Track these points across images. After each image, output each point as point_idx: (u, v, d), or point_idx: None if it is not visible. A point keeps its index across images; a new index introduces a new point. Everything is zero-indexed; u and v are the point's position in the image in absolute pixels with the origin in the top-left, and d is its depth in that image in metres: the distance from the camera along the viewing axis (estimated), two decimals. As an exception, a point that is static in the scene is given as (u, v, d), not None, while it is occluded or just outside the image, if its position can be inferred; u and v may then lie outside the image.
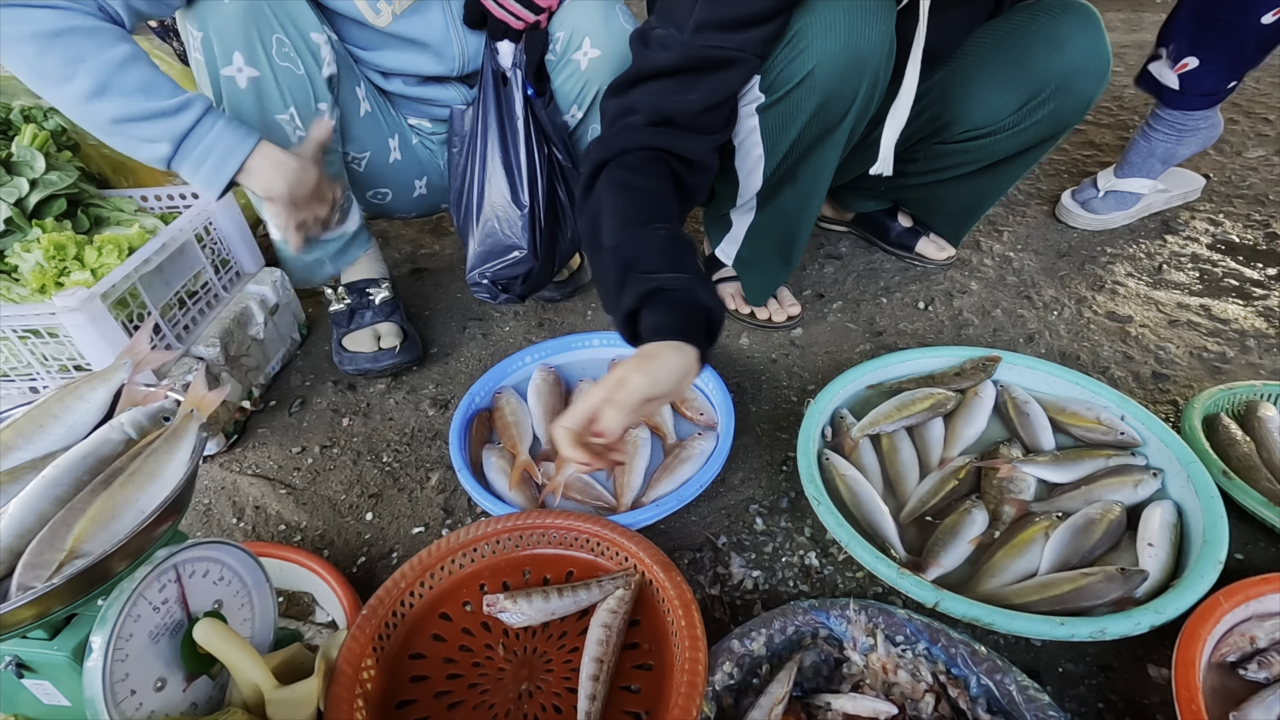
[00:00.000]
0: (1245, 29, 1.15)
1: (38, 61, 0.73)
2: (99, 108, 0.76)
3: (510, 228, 1.02)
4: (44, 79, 0.75)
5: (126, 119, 0.77)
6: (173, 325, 0.99)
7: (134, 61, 0.76)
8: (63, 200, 1.03)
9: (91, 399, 0.59)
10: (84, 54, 0.74)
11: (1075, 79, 0.91)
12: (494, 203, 1.02)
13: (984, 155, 1.02)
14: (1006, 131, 0.97)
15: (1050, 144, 1.02)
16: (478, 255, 1.05)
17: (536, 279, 1.06)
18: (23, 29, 0.72)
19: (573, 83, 1.02)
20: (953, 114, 0.98)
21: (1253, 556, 0.78)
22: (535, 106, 0.99)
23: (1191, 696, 0.58)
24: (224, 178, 0.82)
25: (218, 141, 0.81)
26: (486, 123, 0.99)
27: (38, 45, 0.72)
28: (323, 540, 0.88)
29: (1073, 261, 1.34)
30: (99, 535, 0.48)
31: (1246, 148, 1.72)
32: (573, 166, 1.05)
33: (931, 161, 1.07)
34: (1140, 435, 0.86)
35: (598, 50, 0.98)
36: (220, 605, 0.59)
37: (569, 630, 0.70)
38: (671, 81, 0.82)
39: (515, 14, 0.94)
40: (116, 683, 0.50)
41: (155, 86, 0.78)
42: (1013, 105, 0.94)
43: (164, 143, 0.79)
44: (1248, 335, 1.11)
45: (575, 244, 1.11)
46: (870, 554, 0.71)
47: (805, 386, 1.07)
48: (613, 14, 0.98)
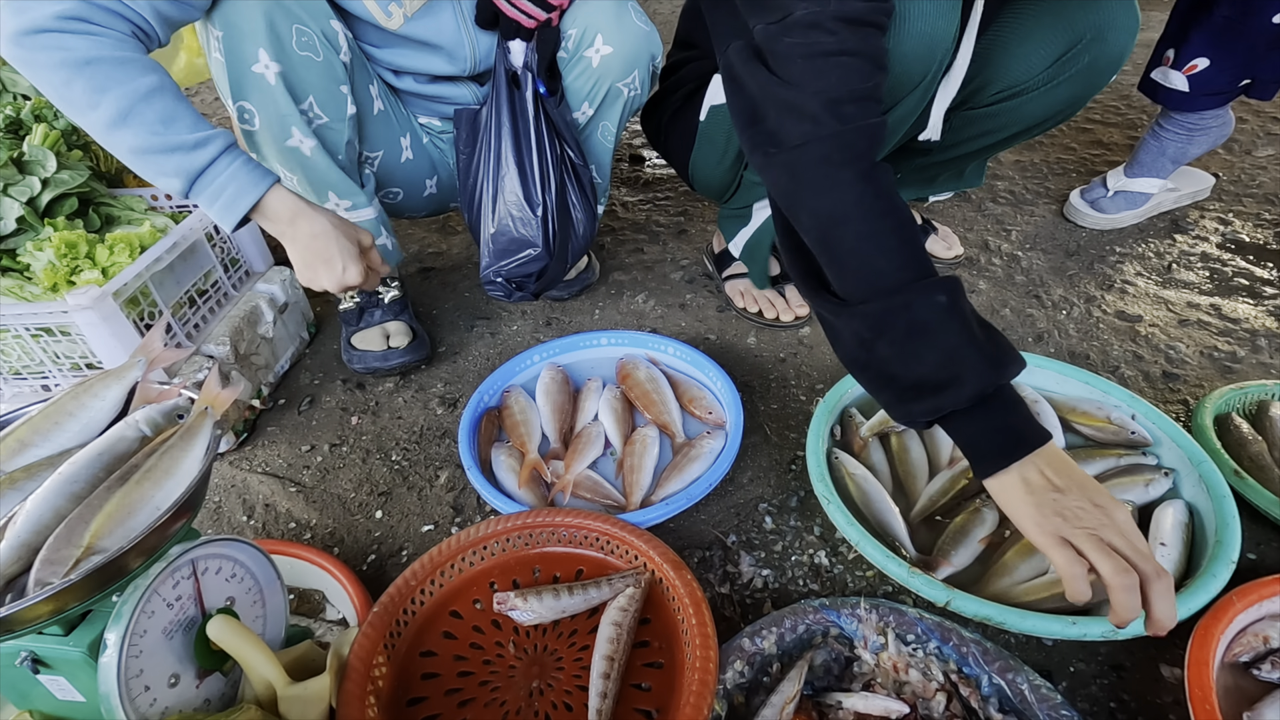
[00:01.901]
0: (1257, 29, 1.15)
1: (65, 89, 0.75)
2: (120, 137, 0.77)
3: (524, 226, 1.02)
4: (70, 105, 0.77)
5: (145, 150, 0.78)
6: (183, 324, 1.00)
7: (158, 93, 0.77)
8: (74, 199, 1.03)
9: (106, 396, 0.59)
10: (110, 83, 0.75)
11: (1110, 30, 0.90)
12: (508, 201, 1.02)
13: (1012, 120, 1.00)
14: (1040, 88, 0.95)
15: (1074, 110, 0.99)
16: (492, 254, 1.05)
17: (550, 276, 1.06)
18: (55, 56, 0.73)
19: (584, 80, 1.02)
20: (988, 74, 0.96)
21: (1266, 556, 0.77)
22: (547, 105, 0.99)
23: (1205, 696, 0.58)
24: (235, 216, 0.83)
25: (231, 181, 0.81)
26: (500, 122, 0.99)
27: (66, 73, 0.74)
28: (333, 538, 0.89)
29: (1081, 261, 1.34)
30: (115, 531, 0.48)
31: (1256, 146, 1.71)
32: (584, 164, 1.05)
33: (958, 133, 1.05)
34: (1151, 435, 0.86)
35: (610, 47, 0.98)
36: (233, 602, 0.59)
37: (579, 628, 0.70)
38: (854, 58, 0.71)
39: (527, 12, 0.94)
40: (131, 678, 0.50)
41: (176, 120, 0.78)
42: (1049, 58, 0.92)
43: (178, 178, 0.80)
44: (1259, 334, 1.11)
45: (587, 241, 1.11)
46: (881, 553, 0.71)
47: (814, 385, 1.07)
48: (625, 11, 0.98)
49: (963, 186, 1.22)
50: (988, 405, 0.63)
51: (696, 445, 0.91)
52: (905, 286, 0.64)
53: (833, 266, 0.70)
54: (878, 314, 0.65)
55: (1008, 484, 0.62)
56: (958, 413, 0.64)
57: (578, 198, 1.06)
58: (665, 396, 0.99)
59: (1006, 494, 0.62)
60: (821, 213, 0.69)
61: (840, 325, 0.71)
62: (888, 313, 0.65)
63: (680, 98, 1.12)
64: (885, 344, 0.66)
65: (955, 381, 0.62)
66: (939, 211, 1.54)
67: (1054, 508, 0.59)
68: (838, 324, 0.71)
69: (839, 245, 0.68)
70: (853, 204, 0.67)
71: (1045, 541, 0.59)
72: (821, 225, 0.69)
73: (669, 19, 3.00)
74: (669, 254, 1.45)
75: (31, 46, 0.72)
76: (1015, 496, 0.61)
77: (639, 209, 1.65)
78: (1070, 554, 0.57)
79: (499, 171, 1.02)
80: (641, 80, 1.05)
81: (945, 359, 0.63)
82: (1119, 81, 2.18)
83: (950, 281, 0.65)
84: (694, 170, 1.16)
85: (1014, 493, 0.62)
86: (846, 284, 0.69)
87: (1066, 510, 0.59)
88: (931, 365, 0.63)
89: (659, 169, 1.84)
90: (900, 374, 0.66)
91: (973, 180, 1.21)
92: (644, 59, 1.02)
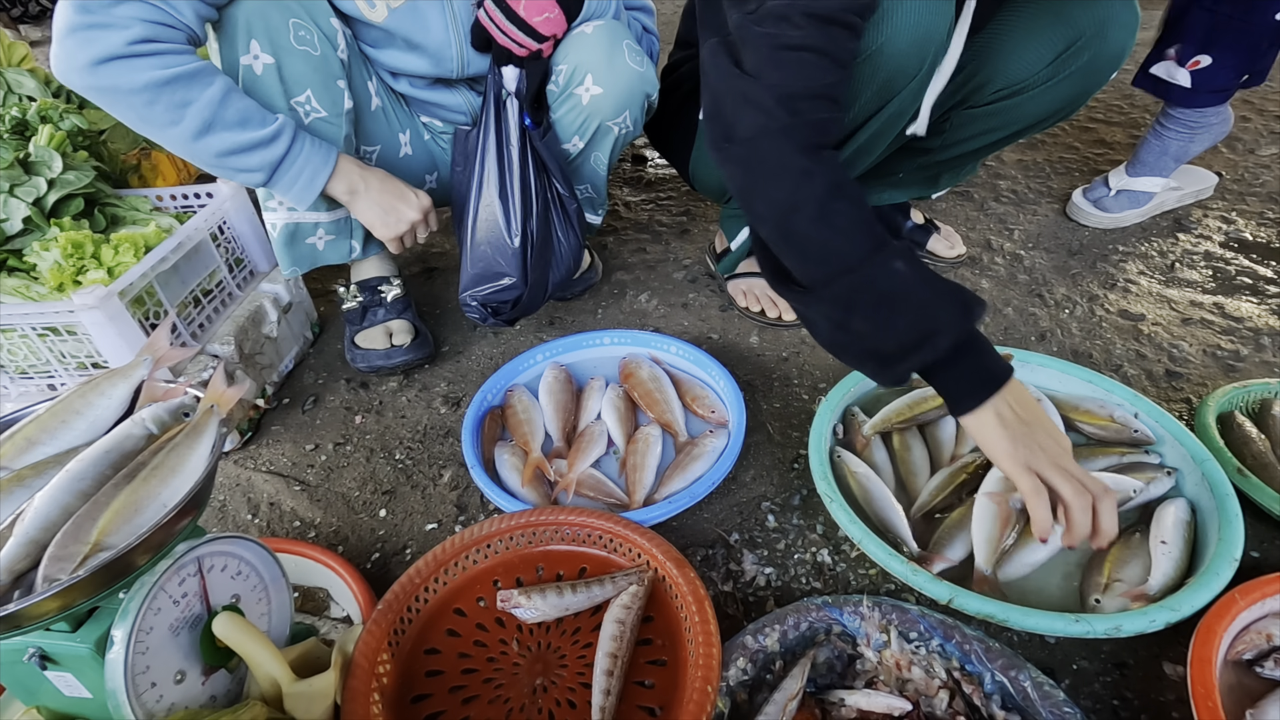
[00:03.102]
0: (1259, 26, 1.15)
1: (147, 110, 0.78)
2: (205, 144, 0.82)
3: (500, 254, 1.02)
4: (150, 124, 0.80)
5: (229, 152, 0.83)
6: (188, 323, 1.00)
7: (230, 96, 0.82)
8: (80, 199, 1.04)
9: (113, 395, 0.59)
10: (190, 97, 0.79)
11: (1110, 27, 0.90)
12: (488, 230, 1.02)
13: (1013, 118, 1.00)
14: (1040, 86, 0.94)
15: (1075, 108, 0.99)
16: (470, 277, 1.05)
17: (526, 305, 1.06)
18: (135, 79, 0.76)
19: (574, 115, 1.01)
20: (988, 73, 0.96)
21: (1269, 554, 0.77)
22: (533, 139, 0.99)
23: (1208, 694, 0.58)
24: (314, 193, 0.90)
25: (306, 163, 0.88)
26: (485, 148, 0.99)
27: (148, 95, 0.77)
28: (337, 536, 0.89)
29: (1084, 260, 1.34)
30: (123, 529, 0.49)
31: (1259, 145, 1.71)
32: (570, 195, 1.04)
33: (957, 131, 1.05)
34: (1154, 433, 0.86)
35: (600, 88, 0.97)
36: (238, 599, 0.60)
37: (583, 626, 0.70)
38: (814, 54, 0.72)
39: (519, 41, 0.93)
40: (137, 675, 0.50)
41: (249, 118, 0.83)
42: (1049, 55, 0.92)
43: (261, 171, 0.86)
44: (1261, 333, 1.11)
45: (570, 271, 1.10)
46: (884, 551, 0.71)
47: (816, 384, 1.07)
48: (618, 51, 0.97)
49: (960, 180, 1.23)
50: (962, 351, 0.67)
51: (699, 444, 0.91)
52: (862, 261, 0.68)
53: (792, 255, 0.73)
54: (844, 293, 0.69)
55: (984, 420, 0.68)
56: (938, 363, 0.68)
57: (562, 230, 1.05)
58: (668, 395, 1.00)
59: (982, 429, 0.68)
60: (776, 202, 0.71)
61: (812, 313, 0.74)
62: (853, 290, 0.69)
63: (680, 97, 1.12)
64: (859, 319, 0.69)
65: (931, 336, 0.66)
66: (941, 211, 1.54)
67: (1023, 440, 0.66)
68: (810, 313, 0.75)
69: (795, 233, 0.71)
70: (804, 191, 0.70)
71: (1015, 469, 0.66)
72: (776, 215, 0.72)
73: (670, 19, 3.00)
74: (671, 253, 1.45)
75: (108, 75, 0.75)
76: (990, 430, 0.67)
77: (641, 209, 1.65)
78: (1035, 481, 0.65)
79: (480, 196, 1.01)
80: (634, 119, 1.04)
81: (918, 318, 0.67)
82: (1121, 80, 2.18)
83: (902, 247, 0.69)
84: (695, 170, 1.17)
85: (989, 427, 0.67)
86: (808, 270, 0.72)
87: (1033, 442, 0.66)
88: (906, 327, 0.67)
89: (661, 169, 1.84)
90: (880, 344, 0.69)
91: (969, 173, 1.22)
92: (637, 99, 1.01)
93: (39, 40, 3.86)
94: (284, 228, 1.01)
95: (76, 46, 0.74)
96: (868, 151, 0.96)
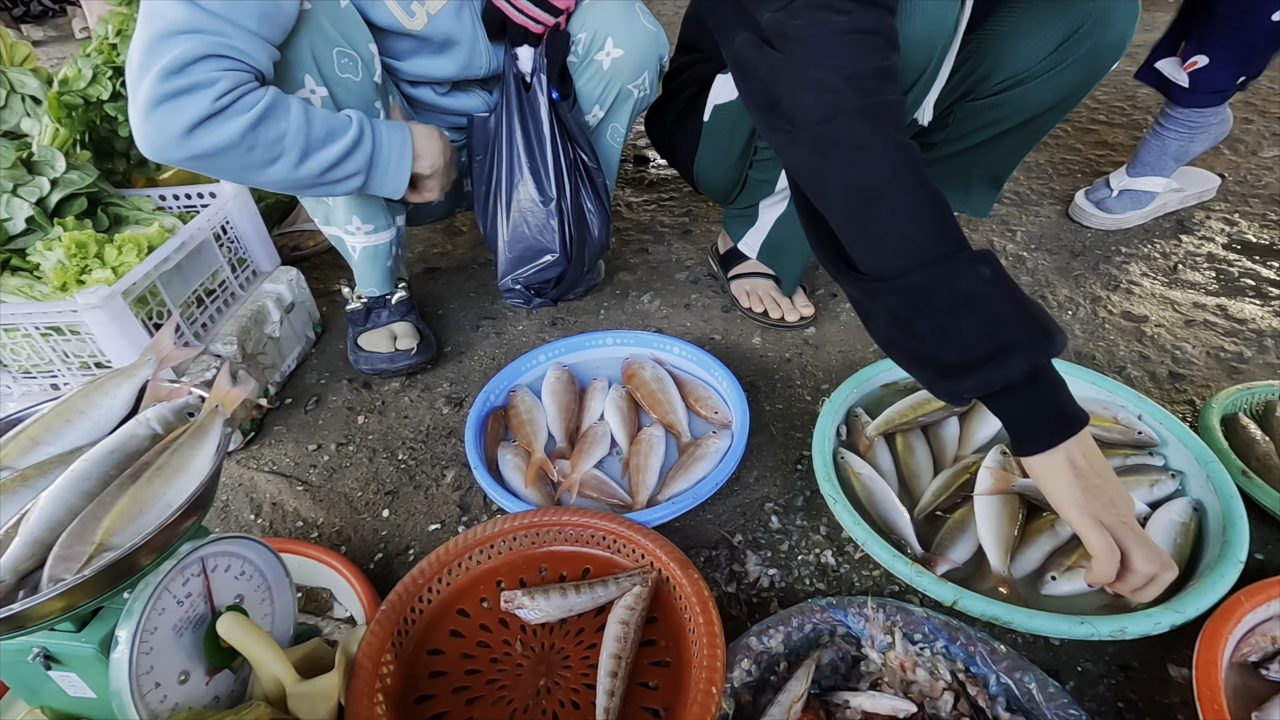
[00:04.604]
0: (1255, 27, 1.15)
1: (248, 156, 0.77)
2: (306, 170, 0.81)
3: (541, 232, 1.03)
4: (255, 169, 0.79)
5: (330, 166, 0.83)
6: (191, 323, 1.00)
7: (310, 114, 0.81)
8: (83, 199, 1.04)
9: (117, 395, 0.59)
10: (281, 129, 0.78)
11: (1111, 14, 0.90)
12: (523, 208, 1.03)
13: (1016, 109, 1.00)
14: (1043, 75, 0.94)
15: (1080, 96, 0.99)
16: (509, 261, 1.05)
17: (569, 281, 1.06)
18: (231, 133, 0.75)
19: (595, 83, 1.02)
20: (990, 65, 0.96)
21: (1274, 556, 0.77)
22: (560, 110, 0.99)
23: (1213, 696, 0.58)
24: (404, 179, 0.90)
25: (391, 151, 0.88)
26: (511, 128, 1.00)
27: (246, 142, 0.76)
28: (340, 537, 0.89)
29: (1087, 261, 1.34)
30: (127, 529, 0.49)
31: (1262, 147, 1.71)
32: (597, 167, 1.05)
33: (961, 125, 1.05)
34: (1158, 435, 0.86)
35: (620, 50, 0.99)
36: (242, 600, 0.60)
37: (586, 627, 0.70)
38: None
39: (534, 17, 0.94)
40: (141, 675, 0.50)
41: (334, 128, 0.83)
42: (1051, 44, 0.92)
43: (360, 173, 0.86)
44: (1265, 335, 1.11)
45: (604, 244, 1.11)
46: (888, 552, 0.71)
47: (819, 385, 1.07)
48: (633, 12, 0.99)
49: (969, 210, 1.21)
50: (1037, 380, 0.62)
51: (702, 445, 0.91)
52: (946, 258, 0.62)
53: (866, 242, 0.67)
54: (918, 287, 0.63)
55: (1055, 464, 0.63)
56: (1008, 388, 0.62)
57: (592, 201, 1.06)
58: (671, 396, 0.99)
59: (1052, 474, 0.63)
60: (854, 186, 0.66)
61: (874, 306, 0.68)
62: (929, 285, 0.62)
63: (684, 100, 1.12)
64: (925, 320, 0.63)
65: (1005, 353, 0.60)
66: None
67: (1096, 493, 0.62)
68: (871, 305, 0.69)
69: (874, 219, 0.65)
70: (888, 176, 0.64)
71: (1086, 523, 0.61)
72: (853, 200, 0.66)
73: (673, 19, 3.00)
74: (674, 254, 1.45)
75: (206, 137, 0.74)
76: (1061, 477, 0.62)
77: (644, 209, 1.65)
78: (1108, 538, 0.60)
79: (513, 179, 1.02)
80: (650, 80, 1.05)
81: (992, 330, 0.61)
82: (1124, 82, 2.18)
83: (989, 254, 0.63)
84: (699, 172, 1.17)
85: (1060, 473, 0.62)
86: (882, 259, 0.66)
87: (1105, 497, 0.62)
88: (977, 337, 0.61)
89: (664, 169, 1.84)
90: (942, 350, 0.63)
91: (980, 206, 1.19)
92: (653, 59, 1.02)
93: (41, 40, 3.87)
94: (363, 251, 1.04)
95: (166, 118, 0.72)
96: None
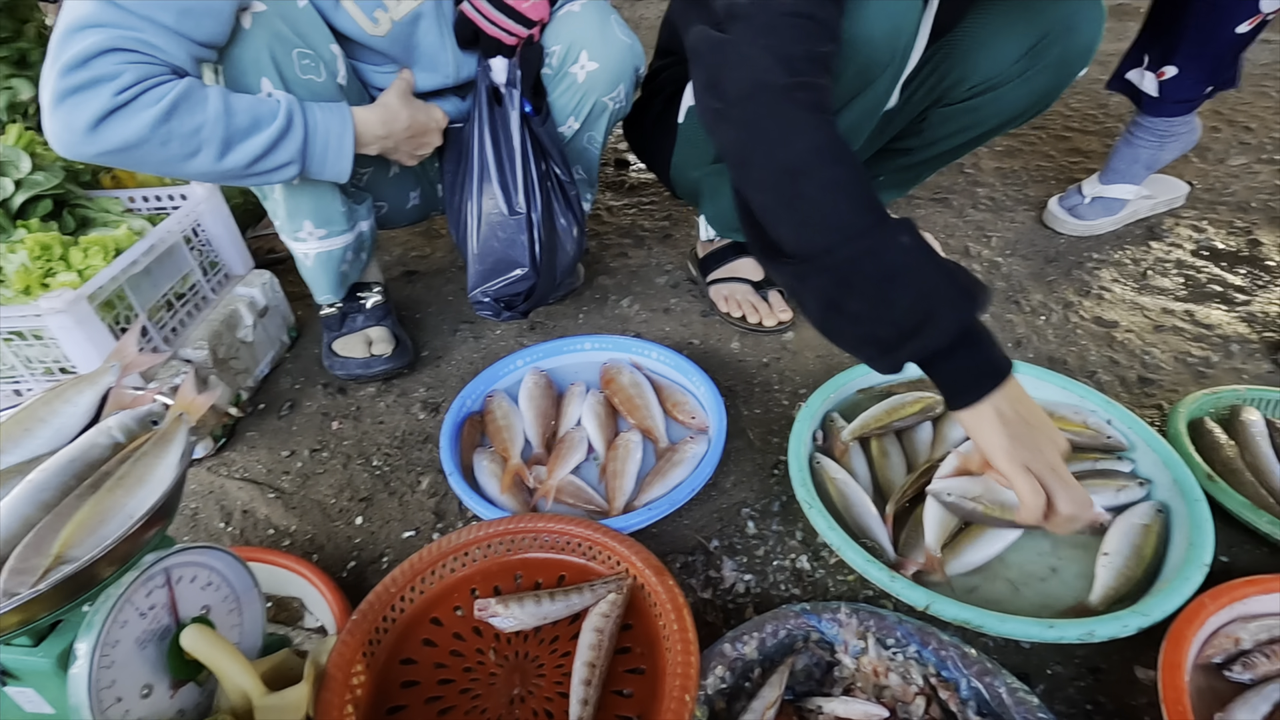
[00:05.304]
0: (1222, 38, 1.17)
1: (163, 150, 0.74)
2: (233, 161, 0.78)
3: (509, 245, 1.01)
4: (174, 163, 0.76)
5: (258, 157, 0.79)
6: (160, 328, 0.98)
7: (230, 102, 0.77)
8: (48, 201, 1.02)
9: (79, 402, 0.58)
10: (196, 120, 0.74)
11: (1078, 20, 0.91)
12: (492, 221, 1.01)
13: (990, 114, 1.01)
14: (1013, 81, 0.96)
15: (1050, 101, 1.01)
16: (479, 274, 1.04)
17: (539, 295, 1.05)
18: (137, 127, 0.71)
19: (570, 95, 1.01)
20: (962, 70, 0.97)
21: (1237, 559, 0.79)
22: (533, 124, 0.98)
23: (1178, 698, 0.59)
24: (346, 165, 0.86)
25: (329, 136, 0.84)
26: (481, 140, 0.98)
27: (157, 136, 0.72)
28: (312, 545, 0.88)
29: (1060, 267, 1.36)
30: (86, 540, 0.48)
31: (1229, 155, 1.75)
32: (570, 180, 1.04)
33: (936, 129, 1.06)
34: (1127, 439, 0.87)
35: (595, 63, 0.98)
36: (208, 611, 0.58)
37: (561, 634, 0.70)
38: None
39: (508, 30, 0.93)
40: (102, 690, 0.49)
41: (260, 115, 0.79)
42: (1021, 50, 0.94)
43: (294, 162, 0.82)
44: (1231, 340, 1.13)
45: (575, 257, 1.10)
46: (862, 558, 0.71)
47: (796, 390, 1.08)
48: (608, 25, 0.98)
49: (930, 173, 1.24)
50: (965, 340, 0.63)
51: (679, 450, 0.91)
52: (868, 230, 0.63)
53: (789, 222, 0.67)
54: (844, 264, 0.63)
55: (983, 415, 0.64)
56: (939, 351, 0.63)
57: (565, 215, 1.05)
58: (649, 401, 0.99)
59: (981, 424, 0.64)
60: (777, 163, 0.66)
61: (805, 290, 0.68)
62: (854, 260, 0.63)
63: (660, 103, 1.13)
64: (856, 298, 0.64)
65: (933, 320, 0.62)
66: (921, 217, 1.55)
67: (1023, 440, 0.63)
68: (802, 288, 0.69)
69: (797, 196, 0.66)
70: (809, 153, 0.65)
71: (1013, 470, 0.63)
72: (777, 177, 0.67)
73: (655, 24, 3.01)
74: (653, 259, 1.45)
75: (111, 132, 0.71)
76: (989, 427, 0.64)
77: (624, 214, 1.65)
78: (1034, 483, 0.62)
79: (482, 191, 1.01)
80: (626, 92, 1.04)
81: (920, 298, 0.62)
82: (1096, 90, 2.22)
83: (908, 221, 0.64)
84: (675, 175, 1.17)
85: (988, 424, 0.64)
86: (806, 238, 0.66)
87: (1033, 443, 0.63)
88: (906, 308, 0.62)
89: (644, 173, 1.84)
90: (876, 326, 0.64)
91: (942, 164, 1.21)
92: (628, 72, 1.02)
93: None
94: (317, 257, 1.01)
95: (70, 114, 0.69)
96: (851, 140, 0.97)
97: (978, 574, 0.76)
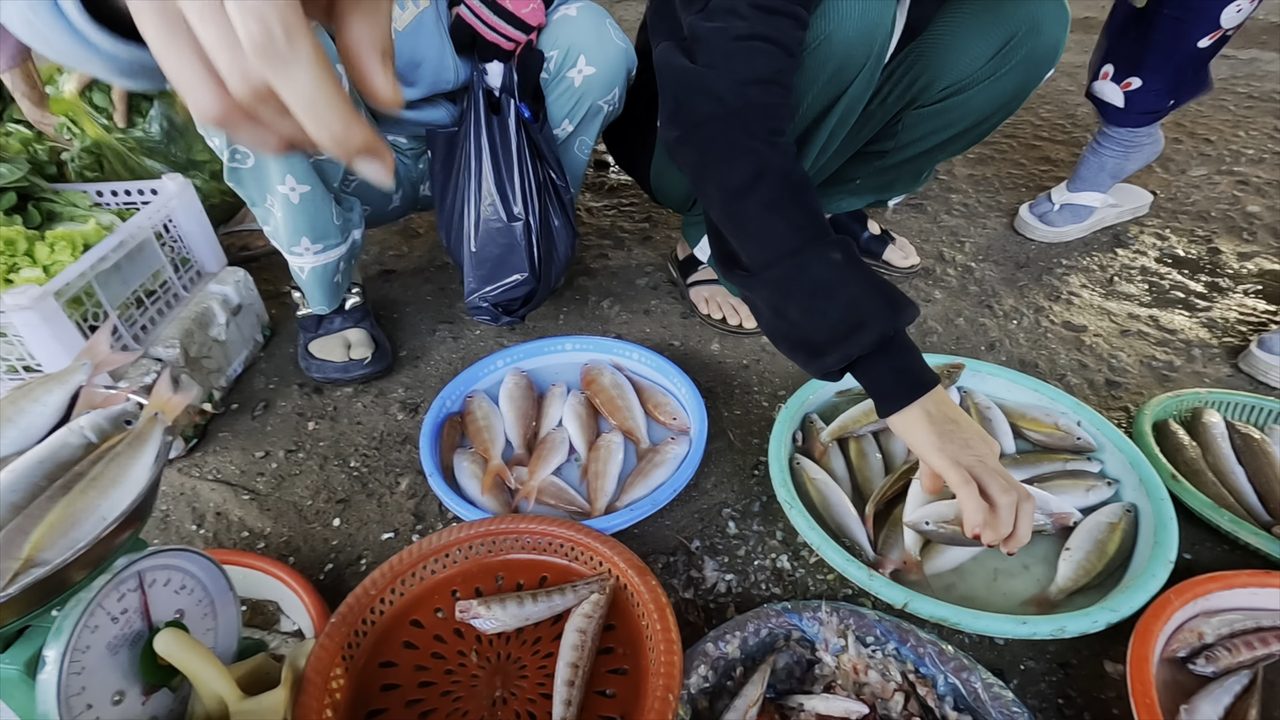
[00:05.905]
0: (1184, 52, 1.21)
1: None
2: None
3: (508, 251, 1.01)
4: None
5: None
6: (130, 325, 0.96)
7: None
8: (12, 194, 0.99)
9: (48, 401, 0.56)
10: None
11: (1043, 21, 0.94)
12: (489, 226, 1.00)
13: (961, 115, 1.04)
14: (984, 82, 0.99)
15: (1019, 101, 1.04)
16: (476, 279, 1.03)
17: (537, 299, 1.05)
18: None
19: (566, 99, 1.01)
20: (932, 73, 0.99)
21: (1200, 556, 0.81)
22: (531, 130, 0.98)
23: (1145, 691, 0.60)
24: None
25: None
26: (478, 145, 0.98)
27: None
28: (288, 547, 0.86)
29: (1031, 272, 1.39)
30: (58, 543, 0.46)
31: (1190, 166, 1.81)
32: (565, 185, 1.04)
33: (910, 132, 1.08)
34: (1095, 440, 0.90)
35: (593, 68, 0.98)
36: (182, 615, 0.57)
37: (543, 636, 0.69)
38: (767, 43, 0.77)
39: (506, 35, 0.93)
40: (71, 697, 0.48)
41: None
42: (989, 51, 0.97)
43: None
44: (1193, 345, 1.17)
45: (567, 262, 1.10)
46: (842, 557, 0.72)
47: (776, 391, 1.09)
48: (604, 29, 0.98)
49: (916, 187, 1.26)
50: (889, 349, 0.69)
51: (661, 451, 0.91)
52: (802, 247, 0.70)
53: (738, 238, 0.75)
54: (781, 278, 0.71)
55: (911, 418, 0.69)
56: (864, 357, 0.69)
57: (559, 219, 1.05)
58: (630, 402, 1.00)
59: (911, 427, 0.69)
60: (726, 185, 0.74)
61: (755, 298, 0.76)
62: (790, 275, 0.70)
63: (640, 108, 1.13)
64: (795, 307, 0.71)
65: (859, 328, 0.67)
66: (896, 223, 1.58)
67: (951, 437, 0.67)
68: (753, 297, 0.76)
69: (742, 215, 0.73)
70: (753, 175, 0.72)
71: (944, 464, 0.66)
72: (725, 197, 0.74)
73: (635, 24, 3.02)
74: (634, 260, 1.45)
75: None
76: (919, 428, 0.68)
77: (604, 214, 1.65)
78: (965, 474, 0.65)
79: (479, 197, 1.00)
80: (620, 95, 1.05)
81: (848, 310, 0.68)
82: (1065, 100, 2.27)
83: (845, 239, 0.71)
84: (655, 180, 1.17)
85: (918, 425, 0.68)
86: (751, 253, 0.74)
87: (960, 440, 0.67)
88: (836, 318, 0.69)
89: (623, 175, 1.85)
90: (811, 334, 0.71)
91: (924, 180, 1.26)
92: (622, 75, 1.02)
93: None
94: (312, 271, 1.01)
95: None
96: (825, 151, 0.99)
97: (954, 573, 0.78)
